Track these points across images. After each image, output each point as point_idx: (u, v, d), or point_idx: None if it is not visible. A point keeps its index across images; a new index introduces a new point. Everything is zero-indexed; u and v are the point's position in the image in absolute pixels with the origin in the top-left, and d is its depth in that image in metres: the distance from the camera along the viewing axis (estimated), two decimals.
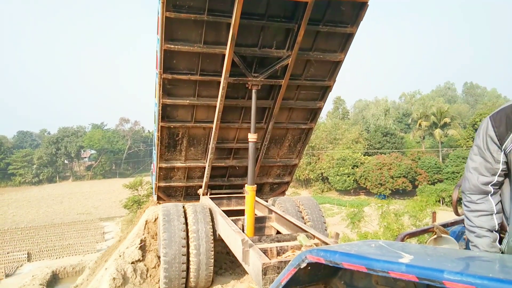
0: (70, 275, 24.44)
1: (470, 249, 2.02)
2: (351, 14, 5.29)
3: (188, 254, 5.62)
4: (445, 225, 2.78)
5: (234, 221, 5.46)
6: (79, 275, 13.50)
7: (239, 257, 4.31)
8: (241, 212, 6.20)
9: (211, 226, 5.84)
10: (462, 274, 1.15)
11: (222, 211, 5.95)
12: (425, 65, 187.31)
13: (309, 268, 1.71)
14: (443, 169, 42.59)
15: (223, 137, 6.62)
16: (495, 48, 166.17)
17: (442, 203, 36.90)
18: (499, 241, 1.93)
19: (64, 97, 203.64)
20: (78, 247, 30.62)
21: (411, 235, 2.74)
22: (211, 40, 5.16)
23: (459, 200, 2.71)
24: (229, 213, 6.04)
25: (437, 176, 42.19)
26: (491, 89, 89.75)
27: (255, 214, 5.99)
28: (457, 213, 2.81)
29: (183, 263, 5.55)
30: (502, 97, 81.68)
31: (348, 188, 45.95)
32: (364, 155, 48.97)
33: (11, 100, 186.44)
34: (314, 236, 4.57)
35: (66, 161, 76.76)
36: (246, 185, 5.80)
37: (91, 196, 55.58)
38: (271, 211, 6.20)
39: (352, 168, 45.54)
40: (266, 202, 6.96)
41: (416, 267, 1.27)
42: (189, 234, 5.71)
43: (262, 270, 3.57)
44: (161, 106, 5.85)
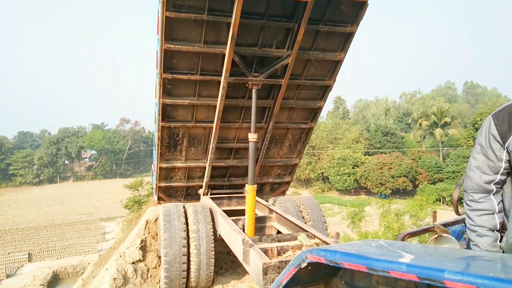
0: (71, 275, 24.46)
1: (471, 249, 2.02)
2: (351, 13, 5.28)
3: (188, 254, 5.61)
4: (446, 225, 2.77)
5: (235, 221, 5.45)
6: (79, 275, 13.50)
7: (240, 257, 4.30)
8: (241, 212, 6.19)
9: (211, 226, 5.83)
10: (463, 273, 1.14)
11: (223, 211, 5.94)
12: (425, 64, 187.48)
13: (309, 268, 1.71)
14: (444, 168, 42.60)
15: (223, 137, 6.61)
16: (495, 47, 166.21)
17: (443, 203, 36.90)
18: (499, 240, 1.92)
19: (64, 97, 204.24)
20: (79, 248, 30.65)
21: (411, 234, 2.74)
22: (211, 40, 5.15)
23: (460, 200, 2.71)
24: (229, 213, 6.03)
25: (437, 176, 42.20)
26: (492, 88, 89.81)
27: (256, 214, 5.98)
28: (457, 213, 2.80)
29: (183, 263, 5.55)
30: (503, 96, 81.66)
31: (349, 188, 45.97)
32: (365, 155, 49.00)
33: (11, 101, 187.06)
34: (314, 236, 4.57)
35: (66, 162, 76.82)
36: (246, 185, 5.79)
37: (92, 197, 55.63)
38: (272, 211, 6.19)
39: (353, 167, 45.55)
40: (266, 202, 6.96)
41: (416, 267, 1.26)
42: (190, 234, 5.71)
43: (263, 270, 3.56)
44: (161, 106, 5.85)
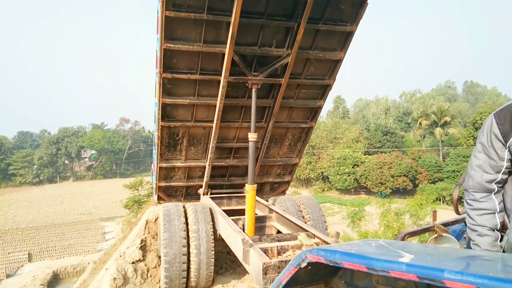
0: (71, 275, 24.45)
1: (471, 248, 2.01)
2: (350, 12, 5.28)
3: (188, 254, 5.61)
4: (446, 224, 2.77)
5: (235, 221, 5.45)
6: (80, 275, 13.51)
7: (240, 257, 4.30)
8: (241, 212, 6.19)
9: (211, 226, 5.82)
10: (462, 273, 1.14)
11: (223, 210, 5.94)
12: (425, 64, 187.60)
13: (309, 267, 1.70)
14: (444, 168, 42.60)
15: (223, 136, 6.61)
16: (495, 46, 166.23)
17: (443, 202, 36.90)
18: (499, 239, 1.92)
19: (64, 97, 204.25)
20: (79, 247, 30.66)
21: (411, 234, 2.74)
22: (211, 39, 5.15)
23: (460, 199, 2.70)
24: (229, 212, 6.03)
25: (437, 175, 42.20)
26: (492, 87, 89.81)
27: (256, 214, 5.98)
28: (457, 212, 2.80)
29: (183, 263, 5.54)
30: (503, 95, 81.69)
31: (349, 187, 45.97)
32: (365, 154, 48.99)
33: (11, 101, 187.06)
34: (314, 235, 4.56)
35: (66, 161, 76.80)
36: (246, 184, 5.79)
37: (92, 196, 55.62)
38: (272, 211, 6.19)
39: (353, 167, 45.54)
40: (266, 201, 6.95)
41: (416, 267, 1.26)
42: (190, 233, 5.70)
43: (263, 269, 3.56)
44: (161, 106, 5.84)
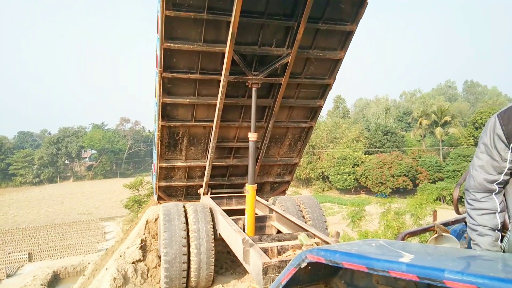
0: (71, 275, 24.50)
1: (471, 248, 2.01)
2: (350, 11, 5.27)
3: (188, 254, 5.60)
4: (446, 224, 2.76)
5: (235, 221, 5.44)
6: (80, 275, 13.50)
7: (240, 257, 4.29)
8: (241, 212, 6.19)
9: (211, 226, 5.82)
10: (463, 273, 1.14)
11: (223, 210, 5.93)
12: (425, 63, 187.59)
13: (309, 267, 1.70)
14: (444, 167, 42.59)
15: (223, 136, 6.60)
16: (495, 46, 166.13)
17: (443, 202, 36.90)
18: (500, 240, 1.92)
19: (64, 97, 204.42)
20: (79, 247, 30.70)
21: (411, 234, 2.73)
22: (211, 39, 5.14)
23: (460, 199, 2.70)
24: (229, 212, 6.02)
25: (437, 175, 42.19)
26: (492, 87, 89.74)
27: (256, 214, 5.98)
28: (458, 212, 2.79)
29: (183, 262, 5.54)
30: (503, 95, 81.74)
31: (349, 187, 45.96)
32: (365, 154, 48.99)
33: (11, 101, 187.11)
34: (314, 235, 4.56)
35: (66, 161, 76.86)
36: (246, 184, 5.79)
37: (92, 196, 55.66)
38: (272, 210, 6.19)
39: (353, 167, 45.54)
40: (266, 201, 6.95)
41: (416, 267, 1.26)
42: (190, 233, 5.70)
43: (263, 269, 3.55)
44: (161, 105, 5.84)
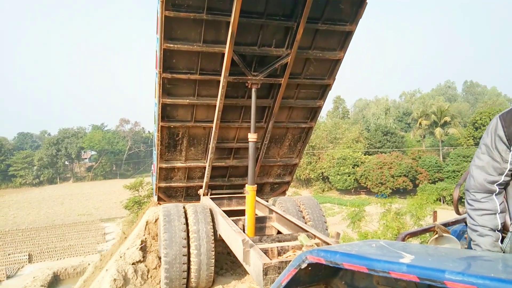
0: (71, 276, 24.50)
1: (471, 249, 2.00)
2: (350, 12, 5.27)
3: (188, 255, 5.59)
4: (446, 224, 2.76)
5: (235, 221, 5.43)
6: (80, 276, 13.50)
7: (240, 257, 4.28)
8: (241, 212, 6.18)
9: (211, 226, 5.81)
10: (463, 274, 1.13)
11: (223, 211, 5.92)
12: (425, 64, 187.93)
13: (309, 268, 1.70)
14: (444, 168, 42.60)
15: (223, 136, 6.60)
16: (495, 46, 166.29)
17: (443, 202, 36.89)
18: (500, 240, 1.91)
19: (64, 98, 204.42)
20: (79, 248, 30.68)
21: (412, 234, 2.73)
22: (211, 39, 5.14)
23: (460, 199, 2.70)
24: (229, 213, 6.01)
25: (437, 175, 42.20)
26: (491, 87, 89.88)
27: (256, 214, 5.97)
28: (458, 212, 2.79)
29: (184, 263, 5.53)
30: (503, 95, 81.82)
31: (349, 188, 45.96)
32: (365, 154, 49.01)
33: (11, 102, 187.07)
34: (315, 236, 4.55)
35: (66, 162, 76.84)
36: (246, 185, 5.78)
37: (92, 197, 55.65)
38: (272, 211, 6.18)
39: (353, 167, 45.55)
40: (266, 202, 6.93)
41: (417, 267, 1.25)
42: (190, 234, 5.69)
43: (263, 270, 3.55)
44: (161, 106, 5.83)
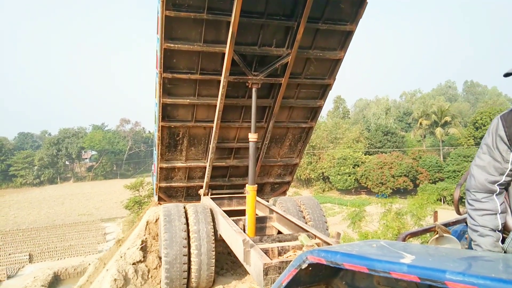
0: (72, 276, 24.51)
1: (472, 249, 2.00)
2: (350, 11, 5.27)
3: (189, 255, 5.60)
4: (447, 225, 2.76)
5: (235, 221, 5.43)
6: (80, 276, 13.50)
7: (240, 257, 4.28)
8: (242, 212, 6.18)
9: (212, 226, 5.81)
10: (464, 274, 1.13)
11: (223, 211, 5.92)
12: (425, 63, 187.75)
13: (310, 268, 1.70)
14: (444, 168, 42.57)
15: (223, 136, 6.60)
16: (495, 46, 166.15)
17: (443, 202, 36.86)
18: (501, 240, 1.91)
19: (64, 98, 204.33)
20: (80, 248, 30.70)
21: (412, 234, 2.72)
22: (211, 39, 5.14)
23: (461, 199, 2.69)
24: (230, 213, 6.01)
25: (438, 175, 42.17)
26: (492, 87, 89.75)
27: (256, 214, 5.96)
28: (458, 212, 2.79)
29: (184, 263, 5.53)
30: (503, 95, 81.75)
31: (349, 188, 45.94)
32: (365, 154, 48.97)
33: (11, 102, 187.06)
34: (315, 236, 4.55)
35: (67, 162, 76.87)
36: (247, 185, 5.78)
37: (92, 197, 55.68)
38: (272, 211, 6.18)
39: (353, 167, 45.53)
40: (267, 202, 6.93)
41: (417, 268, 1.25)
42: (190, 234, 5.69)
43: (264, 270, 3.54)
44: (161, 106, 5.84)
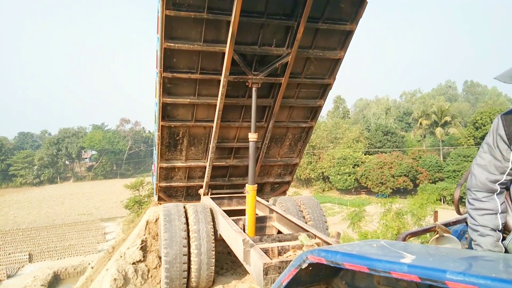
0: (72, 275, 24.50)
1: (472, 249, 2.00)
2: (350, 11, 5.27)
3: (189, 254, 5.60)
4: (447, 224, 2.75)
5: (235, 221, 5.44)
6: (80, 276, 13.50)
7: (240, 257, 4.28)
8: (242, 212, 6.17)
9: (212, 226, 5.81)
10: (464, 274, 1.13)
11: (223, 211, 5.93)
12: (425, 63, 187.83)
13: (310, 268, 1.69)
14: (444, 167, 42.56)
15: (223, 136, 6.60)
16: (495, 46, 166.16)
17: (443, 202, 36.86)
18: (502, 240, 1.91)
19: (64, 98, 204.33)
20: (80, 248, 30.67)
21: (413, 234, 2.72)
22: (211, 38, 5.14)
23: (461, 199, 2.69)
24: (230, 213, 6.02)
25: (438, 175, 42.16)
26: (492, 87, 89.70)
27: (256, 214, 5.97)
28: (459, 212, 2.79)
29: (184, 263, 5.53)
30: (503, 95, 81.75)
31: (349, 187, 45.94)
32: (365, 154, 48.96)
33: (11, 101, 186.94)
34: (315, 235, 4.55)
35: (67, 162, 76.84)
36: (247, 184, 5.78)
37: (92, 197, 55.66)
38: (272, 211, 6.18)
39: (353, 167, 45.52)
40: (267, 201, 6.93)
41: (418, 267, 1.25)
42: (190, 234, 5.69)
43: (263, 270, 3.54)
44: (161, 105, 5.83)
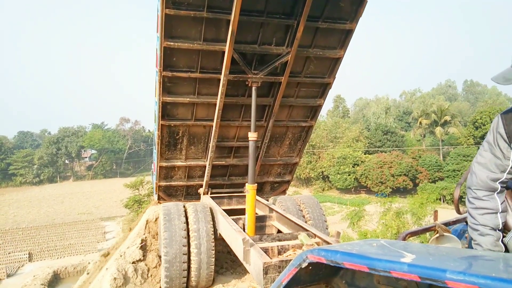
0: (71, 275, 24.50)
1: (472, 248, 2.00)
2: (350, 10, 5.28)
3: (189, 254, 5.60)
4: (447, 224, 2.75)
5: (235, 220, 5.44)
6: (80, 275, 13.50)
7: (240, 256, 4.29)
8: (242, 211, 6.18)
9: (212, 225, 5.82)
10: (464, 273, 1.13)
11: (223, 210, 5.93)
12: (425, 63, 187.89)
13: (310, 267, 1.69)
14: (444, 167, 42.58)
15: (223, 135, 6.60)
16: (495, 46, 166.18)
17: (443, 201, 36.89)
18: (501, 239, 1.91)
19: (64, 97, 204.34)
20: (79, 247, 30.68)
21: (412, 234, 2.72)
22: (211, 37, 5.14)
23: (461, 198, 2.69)
24: (230, 212, 6.02)
25: (438, 174, 42.19)
26: (491, 87, 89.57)
27: (256, 213, 5.97)
28: (458, 211, 2.78)
29: (184, 262, 5.54)
30: (503, 94, 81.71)
31: (349, 187, 45.95)
32: (365, 154, 48.97)
33: (11, 101, 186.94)
34: (315, 235, 4.55)
35: (66, 161, 76.86)
36: (246, 184, 5.78)
37: (92, 196, 55.66)
38: (272, 210, 6.18)
39: (353, 166, 45.53)
40: (267, 201, 6.94)
41: (418, 267, 1.25)
42: (190, 233, 5.69)
43: (263, 269, 3.55)
44: (161, 104, 5.83)
